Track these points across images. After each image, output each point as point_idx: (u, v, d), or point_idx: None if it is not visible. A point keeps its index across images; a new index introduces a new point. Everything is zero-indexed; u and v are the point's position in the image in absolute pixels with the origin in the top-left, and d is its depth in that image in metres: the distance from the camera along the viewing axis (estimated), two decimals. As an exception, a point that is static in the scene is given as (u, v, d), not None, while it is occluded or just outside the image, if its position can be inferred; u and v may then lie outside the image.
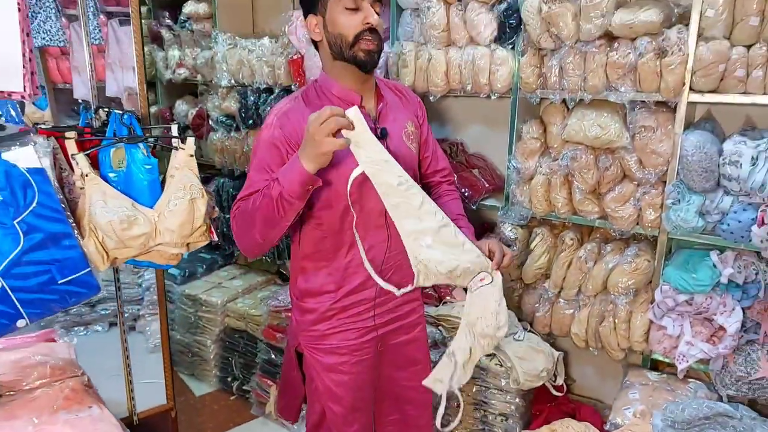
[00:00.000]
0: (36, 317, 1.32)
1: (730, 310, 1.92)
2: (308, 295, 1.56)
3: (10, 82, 1.21)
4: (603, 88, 1.98)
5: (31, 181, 1.26)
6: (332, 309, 1.54)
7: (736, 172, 1.79)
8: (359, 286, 1.53)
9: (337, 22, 1.37)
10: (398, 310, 1.63)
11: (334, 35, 1.39)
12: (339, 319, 1.55)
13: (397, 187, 1.34)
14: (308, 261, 1.54)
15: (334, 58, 1.42)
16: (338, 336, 1.56)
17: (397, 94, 1.61)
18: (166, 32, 3.53)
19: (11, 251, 1.24)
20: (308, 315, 1.57)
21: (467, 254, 1.41)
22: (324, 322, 1.55)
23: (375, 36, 1.38)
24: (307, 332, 1.58)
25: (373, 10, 1.38)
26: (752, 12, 1.72)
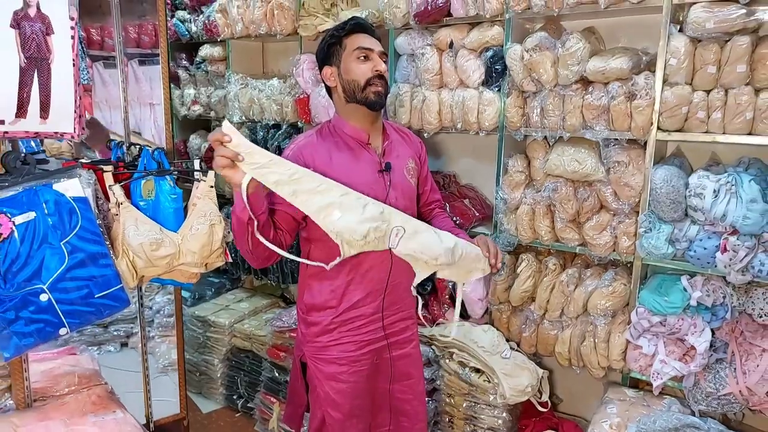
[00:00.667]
0: (75, 327, 1.50)
1: (700, 331, 2.05)
2: (313, 309, 1.72)
3: (63, 124, 1.43)
4: (580, 126, 2.18)
5: (75, 208, 1.46)
6: (333, 323, 1.70)
7: (701, 204, 1.95)
8: (358, 303, 1.69)
9: (350, 70, 1.62)
10: (393, 326, 1.79)
11: (348, 81, 1.63)
12: (339, 332, 1.70)
13: (289, 180, 1.41)
14: (313, 279, 1.72)
15: (347, 101, 1.65)
16: (338, 347, 1.71)
17: (401, 134, 1.84)
18: (183, 72, 3.77)
19: (57, 268, 1.44)
20: (312, 327, 1.73)
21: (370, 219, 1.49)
22: (326, 334, 1.71)
23: (382, 81, 1.63)
24: (311, 343, 1.74)
25: (380, 59, 1.64)
26: (710, 61, 1.91)
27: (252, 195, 1.39)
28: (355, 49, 1.62)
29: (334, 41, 1.66)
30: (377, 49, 1.64)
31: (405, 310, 1.82)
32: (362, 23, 1.67)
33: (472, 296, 2.53)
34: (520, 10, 2.23)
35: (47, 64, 1.39)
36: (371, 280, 1.69)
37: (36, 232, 1.41)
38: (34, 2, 1.35)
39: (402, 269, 1.74)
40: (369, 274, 1.68)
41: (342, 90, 1.65)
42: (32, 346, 1.44)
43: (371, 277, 1.68)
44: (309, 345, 1.75)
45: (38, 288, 1.41)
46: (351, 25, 1.66)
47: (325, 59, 1.68)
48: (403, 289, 1.78)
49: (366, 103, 1.62)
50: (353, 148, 1.67)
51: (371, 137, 1.70)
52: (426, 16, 2.46)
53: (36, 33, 1.36)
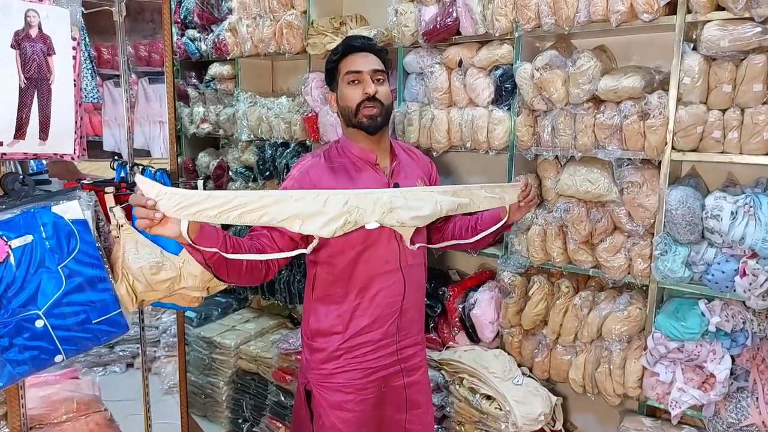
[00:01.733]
0: (72, 353, 1.46)
1: (719, 358, 1.98)
2: (318, 335, 1.67)
3: (63, 145, 1.41)
4: (592, 146, 2.13)
5: (74, 231, 1.43)
6: (339, 349, 1.65)
7: (718, 226, 1.90)
8: (365, 329, 1.64)
9: (344, 95, 1.62)
10: (401, 353, 1.73)
11: (343, 107, 1.63)
12: (345, 359, 1.65)
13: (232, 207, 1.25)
14: (320, 303, 1.67)
15: (347, 125, 1.65)
16: (344, 375, 1.66)
17: (410, 154, 1.80)
18: (192, 91, 3.78)
19: (54, 293, 1.40)
20: (317, 354, 1.68)
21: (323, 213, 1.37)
22: (332, 361, 1.66)
23: (375, 102, 1.59)
24: (316, 371, 1.68)
25: (370, 81, 1.59)
26: (725, 80, 1.86)
27: (197, 238, 1.25)
28: (345, 74, 1.60)
29: (331, 67, 1.65)
30: (367, 69, 1.59)
31: (414, 335, 1.78)
32: (353, 43, 1.63)
33: (483, 319, 2.47)
34: (529, 29, 2.20)
35: (47, 84, 1.38)
36: (378, 305, 1.64)
37: (33, 256, 1.38)
38: (35, 23, 1.33)
39: (416, 290, 1.74)
40: (377, 299, 1.64)
41: (341, 115, 1.66)
42: (26, 374, 1.40)
43: (379, 302, 1.64)
44: (314, 372, 1.70)
45: (34, 314, 1.38)
46: (342, 49, 1.63)
47: (330, 85, 1.69)
48: (414, 312, 1.75)
49: (360, 127, 1.61)
50: (361, 168, 1.64)
51: (379, 157, 1.67)
52: (435, 34, 2.44)
53: (37, 53, 1.35)
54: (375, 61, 1.62)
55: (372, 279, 1.63)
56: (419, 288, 1.78)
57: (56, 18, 1.34)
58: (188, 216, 1.18)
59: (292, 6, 3.00)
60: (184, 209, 1.17)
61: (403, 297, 1.67)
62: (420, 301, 1.81)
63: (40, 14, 1.32)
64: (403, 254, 1.66)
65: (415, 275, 1.72)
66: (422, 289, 1.82)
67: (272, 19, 3.08)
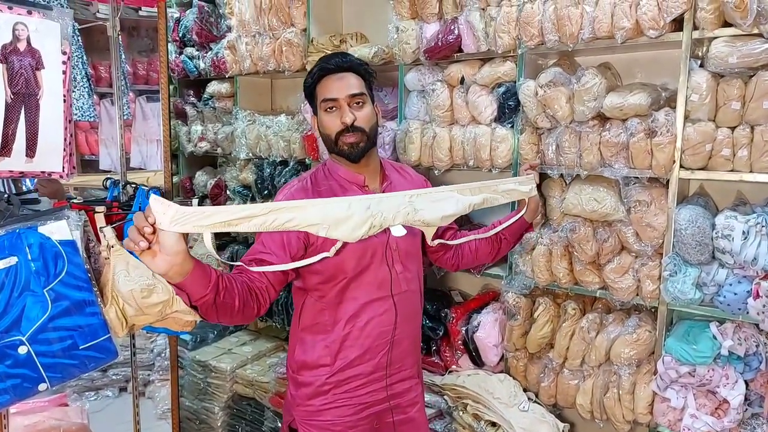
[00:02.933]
0: (57, 381, 1.39)
1: (733, 383, 1.92)
2: (304, 367, 1.58)
3: (51, 162, 1.35)
4: (598, 164, 2.09)
5: (62, 252, 1.37)
6: (328, 383, 1.55)
7: (729, 246, 1.85)
8: (356, 360, 1.55)
9: (322, 122, 1.55)
10: (395, 387, 1.63)
11: (323, 134, 1.57)
12: (334, 394, 1.55)
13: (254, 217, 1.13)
14: (307, 333, 1.58)
15: (329, 151, 1.59)
16: (333, 412, 1.56)
17: (402, 174, 1.73)
18: (191, 109, 3.75)
19: (39, 317, 1.33)
20: (303, 389, 1.58)
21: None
22: (319, 396, 1.56)
23: (354, 130, 1.51)
24: (303, 407, 1.59)
25: (348, 109, 1.50)
26: (734, 97, 1.83)
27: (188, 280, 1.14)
28: (321, 101, 1.53)
29: (307, 92, 1.59)
30: (343, 95, 1.50)
31: (409, 368, 1.67)
32: (327, 66, 1.54)
33: (486, 342, 2.40)
34: (533, 46, 2.17)
35: (35, 100, 1.33)
36: (369, 335, 1.55)
37: (17, 279, 1.32)
38: (24, 36, 1.29)
39: (409, 320, 1.64)
40: (367, 329, 1.55)
41: (322, 140, 1.59)
42: (8, 404, 1.33)
43: (369, 332, 1.55)
44: (300, 408, 1.60)
45: (17, 340, 1.31)
46: (317, 72, 1.55)
47: (312, 107, 1.63)
48: (408, 343, 1.65)
49: (341, 154, 1.54)
50: (348, 191, 1.56)
51: (367, 179, 1.59)
52: (436, 52, 2.41)
53: (25, 68, 1.30)
54: (353, 82, 1.53)
55: (362, 307, 1.54)
56: (413, 317, 1.68)
57: (46, 31, 1.30)
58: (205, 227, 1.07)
59: (291, 24, 2.98)
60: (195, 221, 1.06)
61: (395, 327, 1.58)
62: (414, 332, 1.71)
63: (29, 27, 1.28)
64: (395, 281, 1.58)
65: (409, 303, 1.63)
66: (417, 318, 1.72)
67: (272, 37, 3.05)
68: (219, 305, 1.25)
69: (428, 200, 1.37)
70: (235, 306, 1.29)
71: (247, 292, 1.33)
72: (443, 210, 1.39)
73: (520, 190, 1.65)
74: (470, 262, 1.86)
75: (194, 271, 1.15)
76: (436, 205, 1.38)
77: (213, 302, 1.22)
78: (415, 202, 1.34)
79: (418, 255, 1.71)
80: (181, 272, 1.12)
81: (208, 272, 1.21)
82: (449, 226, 1.76)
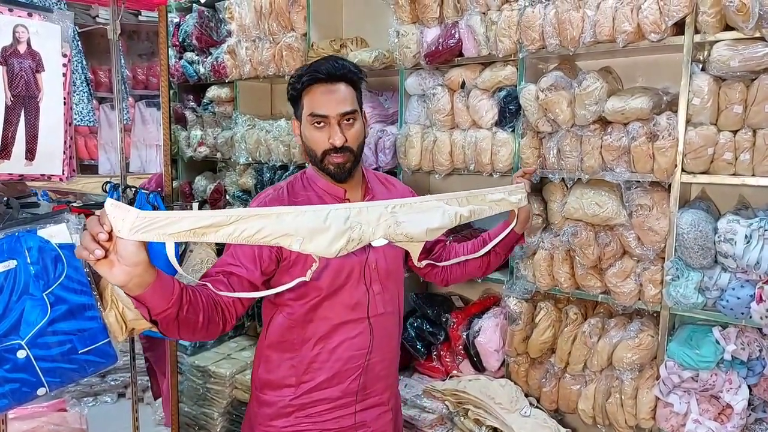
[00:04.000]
0: (56, 386, 1.37)
1: (736, 388, 1.92)
2: (268, 386, 1.49)
3: (50, 166, 1.34)
4: (599, 168, 2.08)
5: (61, 255, 1.36)
6: (291, 405, 1.46)
7: (732, 250, 1.84)
8: (323, 383, 1.46)
9: (307, 135, 1.43)
10: (364, 414, 1.52)
11: (307, 147, 1.45)
12: (297, 416, 1.47)
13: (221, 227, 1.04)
14: (273, 350, 1.49)
15: (312, 163, 1.48)
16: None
17: (386, 185, 1.64)
18: (190, 114, 3.74)
19: (38, 322, 1.32)
20: (265, 408, 1.49)
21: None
22: (281, 418, 1.47)
23: (343, 151, 1.40)
24: (264, 426, 1.49)
25: (338, 129, 1.39)
26: (736, 101, 1.83)
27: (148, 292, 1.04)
28: (308, 114, 1.40)
29: (294, 95, 1.45)
30: (335, 113, 1.39)
31: (380, 393, 1.56)
32: (318, 73, 1.40)
33: (488, 347, 2.39)
34: (534, 50, 2.17)
35: (35, 102, 1.32)
36: (339, 358, 1.46)
37: (16, 282, 1.31)
38: (24, 38, 1.28)
39: (385, 343, 1.54)
40: (338, 351, 1.45)
41: (304, 150, 1.47)
42: (6, 408, 1.31)
43: (340, 355, 1.45)
44: (261, 428, 1.49)
45: (16, 344, 1.29)
46: (307, 78, 1.40)
47: (294, 108, 1.47)
48: (382, 368, 1.55)
49: (326, 172, 1.44)
50: (328, 203, 1.42)
51: (348, 192, 1.50)
52: (437, 56, 2.41)
53: (25, 70, 1.29)
54: (346, 96, 1.41)
55: (334, 328, 1.45)
56: (390, 340, 1.57)
57: (46, 34, 1.29)
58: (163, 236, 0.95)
59: (292, 28, 2.98)
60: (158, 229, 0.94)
61: (369, 350, 1.49)
62: (390, 355, 1.60)
63: (30, 30, 1.27)
64: (372, 302, 1.48)
65: (386, 326, 1.54)
66: (394, 341, 1.61)
67: (272, 42, 3.06)
68: (181, 321, 1.14)
69: (412, 211, 1.26)
70: (199, 322, 1.19)
71: (212, 307, 1.23)
72: (428, 222, 1.28)
73: (509, 200, 1.54)
74: (459, 277, 1.76)
75: (156, 283, 1.04)
76: (420, 217, 1.27)
77: (175, 317, 1.12)
78: (397, 213, 1.23)
79: (399, 274, 1.61)
80: (141, 284, 1.01)
81: (171, 284, 1.10)
82: (438, 239, 1.65)
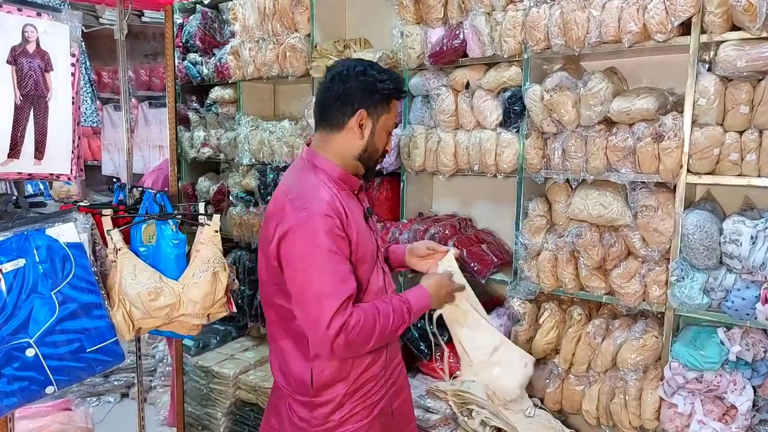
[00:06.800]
0: (64, 384, 1.37)
1: (740, 389, 1.91)
2: (323, 388, 1.53)
3: (59, 165, 1.35)
4: (604, 169, 2.08)
5: (69, 254, 1.36)
6: (346, 395, 1.54)
7: (737, 251, 1.84)
8: (369, 364, 1.56)
9: (380, 137, 1.55)
10: (394, 375, 1.68)
11: (373, 145, 1.54)
12: (351, 402, 1.55)
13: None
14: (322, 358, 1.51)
15: (358, 158, 1.55)
16: (352, 419, 1.55)
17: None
18: (193, 114, 3.74)
19: (47, 320, 1.32)
20: (321, 409, 1.54)
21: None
22: (338, 410, 1.54)
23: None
24: (321, 427, 1.55)
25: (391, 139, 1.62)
26: (742, 101, 1.82)
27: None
28: (389, 121, 1.56)
29: (387, 95, 1.52)
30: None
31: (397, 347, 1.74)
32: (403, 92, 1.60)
33: (492, 348, 2.38)
34: (539, 50, 2.17)
35: (45, 102, 1.32)
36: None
37: (25, 281, 1.31)
38: (33, 38, 1.28)
39: None
40: None
41: (363, 147, 1.54)
42: (15, 406, 1.31)
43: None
44: (318, 429, 1.55)
45: (24, 342, 1.30)
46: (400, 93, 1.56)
47: (368, 104, 1.50)
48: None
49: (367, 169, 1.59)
50: (351, 197, 1.57)
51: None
52: (441, 56, 2.41)
53: (34, 70, 1.29)
54: None
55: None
56: None
57: (55, 33, 1.29)
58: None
59: (295, 29, 2.98)
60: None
61: None
62: None
63: (39, 29, 1.27)
64: (387, 278, 1.66)
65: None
66: None
67: (275, 43, 3.05)
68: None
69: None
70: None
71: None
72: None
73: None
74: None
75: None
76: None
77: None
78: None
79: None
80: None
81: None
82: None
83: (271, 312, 1.55)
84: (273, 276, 1.46)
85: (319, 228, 1.36)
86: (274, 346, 1.59)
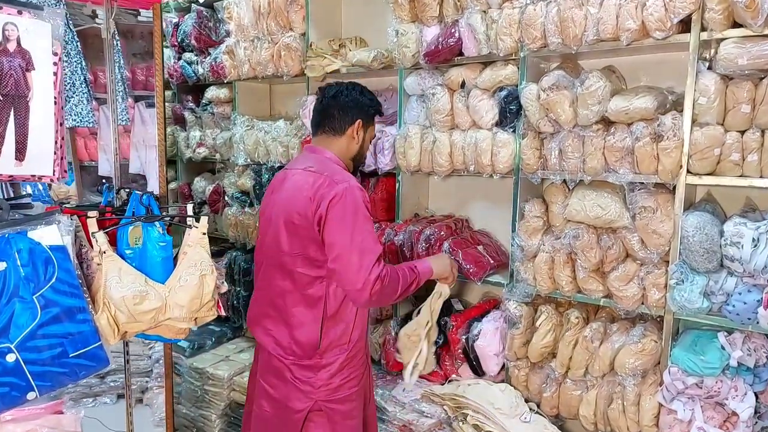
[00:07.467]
0: (46, 390, 1.35)
1: (742, 395, 1.88)
2: (328, 350, 1.77)
3: (41, 166, 1.32)
4: (602, 169, 2.04)
5: (52, 257, 1.33)
6: (345, 360, 1.79)
7: (738, 254, 1.80)
8: (361, 338, 1.85)
9: (367, 143, 1.95)
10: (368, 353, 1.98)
11: (362, 149, 1.93)
12: (348, 368, 1.81)
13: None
14: (332, 319, 1.76)
15: (352, 158, 1.92)
16: (347, 384, 1.81)
17: None
18: (189, 114, 3.72)
19: (28, 325, 1.29)
20: (323, 371, 1.77)
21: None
22: (338, 374, 1.78)
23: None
24: (324, 388, 1.78)
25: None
26: (743, 100, 1.79)
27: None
28: (373, 133, 1.96)
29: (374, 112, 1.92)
30: None
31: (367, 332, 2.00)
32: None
33: (487, 351, 2.35)
34: (535, 48, 2.14)
35: (25, 101, 1.29)
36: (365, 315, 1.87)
37: (6, 285, 1.28)
38: (14, 36, 1.25)
39: None
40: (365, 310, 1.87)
41: (358, 150, 1.91)
42: (-6, 413, 1.28)
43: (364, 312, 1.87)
44: (322, 390, 1.77)
45: (5, 347, 1.27)
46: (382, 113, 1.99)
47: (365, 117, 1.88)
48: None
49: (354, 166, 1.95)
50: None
51: None
52: (437, 55, 2.38)
53: (14, 69, 1.26)
54: None
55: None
56: None
57: (36, 32, 1.26)
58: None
59: (290, 28, 2.96)
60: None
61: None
62: None
63: (19, 28, 1.24)
64: None
65: None
66: None
67: (270, 42, 3.03)
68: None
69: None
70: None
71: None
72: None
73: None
74: None
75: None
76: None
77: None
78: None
79: None
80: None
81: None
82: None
83: (286, 282, 1.74)
84: (298, 245, 1.70)
85: (359, 197, 1.68)
86: (284, 315, 1.78)
